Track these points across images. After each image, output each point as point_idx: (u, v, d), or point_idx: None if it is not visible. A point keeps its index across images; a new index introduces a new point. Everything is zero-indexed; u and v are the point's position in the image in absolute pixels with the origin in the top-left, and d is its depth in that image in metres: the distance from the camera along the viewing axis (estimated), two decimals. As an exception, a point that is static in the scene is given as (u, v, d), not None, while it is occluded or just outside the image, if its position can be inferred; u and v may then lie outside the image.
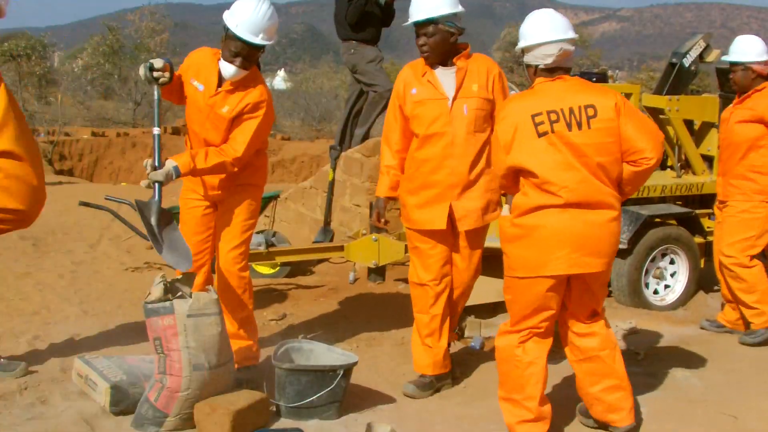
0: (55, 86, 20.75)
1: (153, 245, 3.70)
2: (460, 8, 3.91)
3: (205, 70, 3.97)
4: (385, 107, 7.72)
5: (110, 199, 4.08)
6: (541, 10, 3.50)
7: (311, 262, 6.70)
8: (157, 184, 3.70)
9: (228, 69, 3.86)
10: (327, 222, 6.62)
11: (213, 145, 3.97)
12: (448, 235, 4.08)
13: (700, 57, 6.04)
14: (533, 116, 3.29)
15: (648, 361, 4.63)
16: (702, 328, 5.35)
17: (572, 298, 3.49)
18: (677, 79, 6.26)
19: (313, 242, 6.53)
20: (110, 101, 22.03)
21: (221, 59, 3.90)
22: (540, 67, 3.39)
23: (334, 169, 6.74)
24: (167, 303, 3.39)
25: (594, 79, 5.91)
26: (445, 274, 4.10)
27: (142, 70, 3.84)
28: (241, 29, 3.77)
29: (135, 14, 24.06)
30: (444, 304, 4.12)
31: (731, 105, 5.25)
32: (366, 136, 7.63)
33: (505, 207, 3.54)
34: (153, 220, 3.68)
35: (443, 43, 3.90)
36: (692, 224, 6.16)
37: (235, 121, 3.93)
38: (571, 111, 3.29)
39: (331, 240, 6.50)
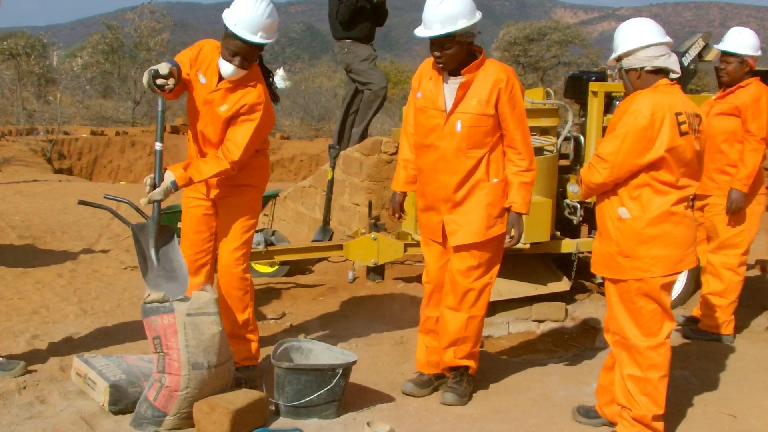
0: (54, 85, 20.71)
1: (142, 275, 3.61)
2: (477, 16, 3.66)
3: (209, 65, 3.89)
4: (380, 106, 7.75)
5: (109, 197, 4.07)
6: (637, 18, 3.48)
7: (310, 261, 6.70)
8: (156, 203, 3.68)
9: (226, 68, 3.78)
10: (326, 221, 6.62)
11: (210, 142, 3.95)
12: (446, 247, 3.97)
13: (699, 56, 6.02)
14: (677, 114, 3.29)
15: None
16: (686, 337, 5.22)
17: None
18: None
19: (312, 241, 6.53)
20: (109, 100, 22.00)
21: (220, 57, 3.82)
22: (646, 69, 3.36)
23: (333, 168, 6.74)
24: (167, 303, 3.39)
25: (593, 78, 5.91)
26: (443, 278, 4.00)
27: (145, 78, 3.69)
28: (239, 28, 3.70)
29: (135, 13, 24.01)
30: (439, 308, 4.04)
31: (712, 99, 5.23)
32: (364, 135, 7.63)
33: (622, 209, 3.38)
34: (151, 242, 3.64)
35: (459, 55, 3.68)
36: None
37: (232, 121, 3.87)
38: (689, 116, 3.33)
39: (330, 239, 6.49)
